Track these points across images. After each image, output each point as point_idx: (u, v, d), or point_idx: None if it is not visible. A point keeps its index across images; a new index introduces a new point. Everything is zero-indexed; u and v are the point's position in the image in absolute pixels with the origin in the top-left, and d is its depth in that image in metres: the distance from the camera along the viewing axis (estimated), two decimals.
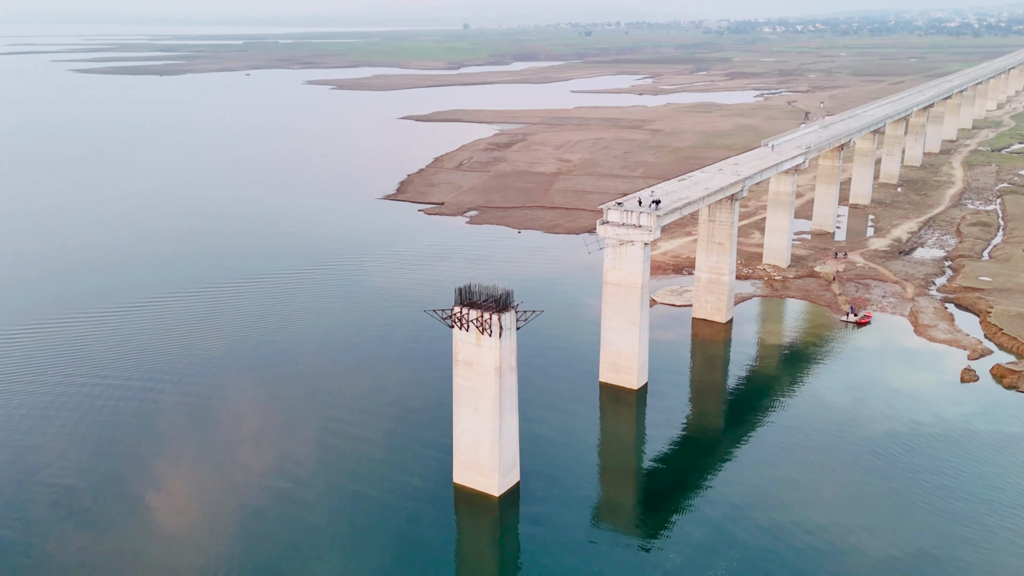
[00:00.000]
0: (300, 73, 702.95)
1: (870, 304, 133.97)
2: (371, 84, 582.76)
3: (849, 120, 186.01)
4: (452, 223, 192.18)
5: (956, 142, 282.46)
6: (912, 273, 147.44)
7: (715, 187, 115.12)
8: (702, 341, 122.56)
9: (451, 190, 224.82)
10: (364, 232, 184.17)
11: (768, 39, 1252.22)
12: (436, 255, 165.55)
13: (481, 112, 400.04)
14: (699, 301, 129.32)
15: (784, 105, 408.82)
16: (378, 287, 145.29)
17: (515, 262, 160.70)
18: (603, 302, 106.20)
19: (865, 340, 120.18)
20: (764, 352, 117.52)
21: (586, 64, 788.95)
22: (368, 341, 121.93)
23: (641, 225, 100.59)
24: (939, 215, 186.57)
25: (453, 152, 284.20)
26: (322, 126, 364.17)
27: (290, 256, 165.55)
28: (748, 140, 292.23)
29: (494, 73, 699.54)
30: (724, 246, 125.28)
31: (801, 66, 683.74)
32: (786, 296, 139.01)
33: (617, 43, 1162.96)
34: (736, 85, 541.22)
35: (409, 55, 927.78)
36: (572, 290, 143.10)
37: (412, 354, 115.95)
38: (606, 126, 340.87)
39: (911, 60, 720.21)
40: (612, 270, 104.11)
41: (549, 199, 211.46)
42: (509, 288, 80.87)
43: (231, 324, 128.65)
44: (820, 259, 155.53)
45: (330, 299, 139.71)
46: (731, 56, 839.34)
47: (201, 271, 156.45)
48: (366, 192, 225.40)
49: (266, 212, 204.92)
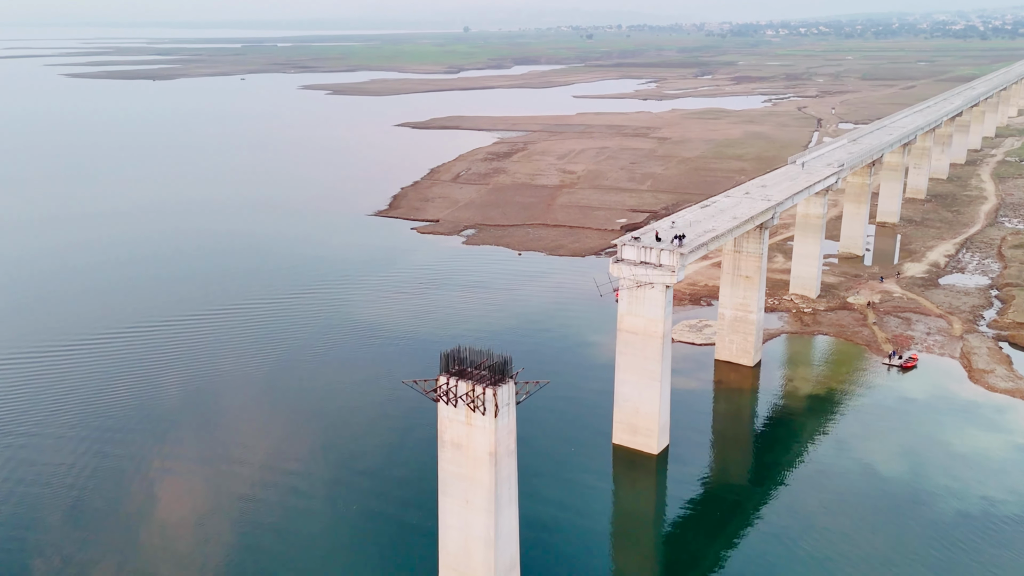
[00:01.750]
0: (296, 77, 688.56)
1: (914, 343, 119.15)
2: (368, 89, 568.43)
3: (879, 132, 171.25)
4: (447, 243, 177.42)
5: (981, 152, 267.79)
6: (956, 305, 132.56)
7: (744, 216, 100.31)
8: (728, 390, 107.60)
9: (447, 205, 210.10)
10: (351, 254, 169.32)
11: (771, 42, 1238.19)
12: (429, 281, 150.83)
13: (480, 119, 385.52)
14: (723, 341, 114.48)
15: (795, 111, 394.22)
16: (361, 321, 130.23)
17: (514, 290, 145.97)
18: (617, 352, 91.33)
19: (913, 388, 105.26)
20: (799, 405, 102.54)
21: (588, 68, 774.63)
22: (344, 393, 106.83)
23: (662, 264, 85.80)
24: (976, 235, 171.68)
25: (450, 163, 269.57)
26: (313, 135, 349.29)
27: (266, 282, 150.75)
28: (760, 149, 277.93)
29: (494, 77, 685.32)
30: (752, 280, 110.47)
31: (808, 70, 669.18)
32: (818, 332, 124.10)
33: (619, 46, 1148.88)
34: (743, 90, 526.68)
35: (408, 59, 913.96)
36: (578, 325, 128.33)
37: (396, 409, 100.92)
38: (610, 134, 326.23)
39: (920, 64, 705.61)
40: (628, 316, 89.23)
41: (552, 216, 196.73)
42: (508, 354, 65.56)
43: (178, 371, 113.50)
44: (853, 288, 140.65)
45: (304, 337, 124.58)
46: (735, 60, 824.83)
47: (160, 301, 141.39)
48: (356, 208, 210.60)
49: (245, 232, 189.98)
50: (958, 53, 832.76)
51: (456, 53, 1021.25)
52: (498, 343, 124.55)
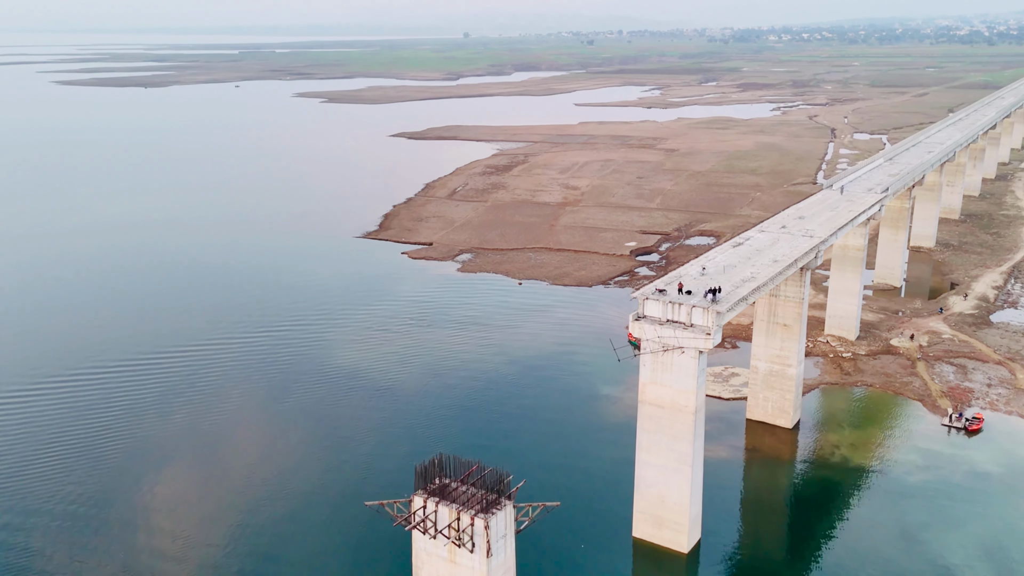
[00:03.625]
0: (291, 85, 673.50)
1: (974, 397, 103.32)
2: (364, 97, 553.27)
3: (916, 150, 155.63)
4: (440, 271, 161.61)
5: (1010, 165, 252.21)
6: (1016, 348, 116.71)
7: (787, 259, 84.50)
8: (765, 461, 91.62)
9: (441, 226, 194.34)
10: (333, 284, 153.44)
11: (775, 48, 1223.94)
12: (418, 316, 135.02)
13: (479, 129, 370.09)
14: (756, 398, 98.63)
15: (806, 120, 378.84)
16: (338, 369, 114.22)
17: (514, 328, 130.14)
18: (639, 428, 75.44)
19: (984, 460, 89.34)
20: (851, 482, 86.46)
21: (589, 75, 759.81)
22: (291, 496, 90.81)
23: (694, 324, 70.02)
24: (1023, 262, 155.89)
25: (446, 177, 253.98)
26: (302, 146, 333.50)
27: (233, 319, 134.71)
28: (775, 162, 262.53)
29: (494, 84, 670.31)
30: (791, 329, 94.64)
31: (815, 76, 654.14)
32: (861, 383, 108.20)
33: (620, 52, 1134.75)
34: (749, 97, 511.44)
35: (407, 65, 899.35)
36: (587, 372, 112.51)
37: (362, 524, 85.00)
38: (615, 145, 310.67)
39: (929, 70, 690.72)
40: (652, 385, 73.37)
41: (555, 238, 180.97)
42: (505, 471, 49.72)
43: (86, 452, 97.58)
44: (896, 327, 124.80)
45: (263, 391, 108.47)
46: (740, 66, 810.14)
47: (113, 339, 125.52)
48: (343, 228, 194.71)
49: (216, 257, 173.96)
50: (966, 59, 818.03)
51: (455, 59, 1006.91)
52: (494, 397, 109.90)
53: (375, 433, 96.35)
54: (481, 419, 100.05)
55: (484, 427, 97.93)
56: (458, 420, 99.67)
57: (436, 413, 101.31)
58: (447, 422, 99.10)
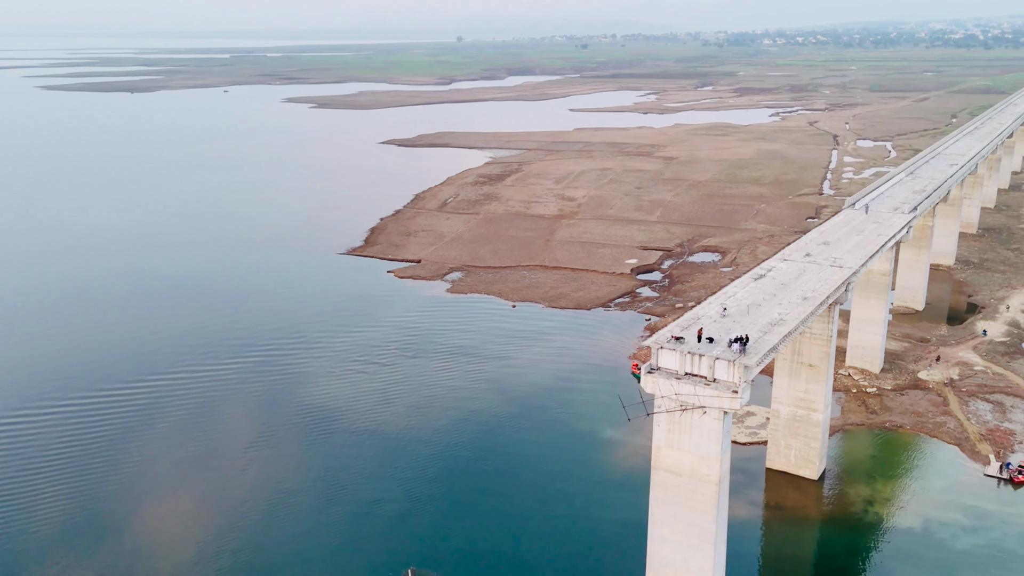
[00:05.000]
0: (281, 89, 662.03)
1: (1016, 440, 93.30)
2: (355, 102, 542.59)
3: (935, 162, 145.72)
4: (429, 291, 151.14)
5: (1021, 175, 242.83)
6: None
7: (818, 296, 74.28)
8: (789, 520, 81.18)
9: (431, 241, 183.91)
10: (313, 307, 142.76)
11: (769, 51, 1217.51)
12: (403, 345, 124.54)
13: (471, 135, 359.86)
14: (777, 445, 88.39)
15: (806, 126, 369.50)
16: (311, 409, 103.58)
17: (507, 357, 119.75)
18: (652, 498, 65.09)
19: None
20: (889, 546, 76.17)
21: (584, 79, 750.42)
22: (266, 554, 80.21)
23: (717, 380, 59.74)
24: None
25: (437, 187, 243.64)
26: (288, 155, 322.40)
27: (202, 347, 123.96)
28: (778, 171, 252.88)
29: (487, 89, 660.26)
30: (817, 369, 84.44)
31: (812, 81, 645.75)
32: (890, 424, 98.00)
33: (615, 56, 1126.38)
34: (747, 102, 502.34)
35: (400, 69, 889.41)
36: (588, 412, 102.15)
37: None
38: (612, 153, 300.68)
39: (927, 74, 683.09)
40: (668, 449, 63.04)
41: (550, 254, 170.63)
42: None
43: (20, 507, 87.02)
44: (923, 358, 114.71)
45: (222, 438, 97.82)
46: (736, 70, 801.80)
47: (70, 370, 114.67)
48: (327, 244, 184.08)
49: (189, 277, 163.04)
50: (964, 63, 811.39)
51: (448, 63, 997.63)
52: (487, 444, 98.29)
53: (350, 491, 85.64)
54: (472, 471, 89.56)
55: (475, 481, 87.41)
56: (447, 473, 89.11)
57: (422, 464, 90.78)
58: (434, 476, 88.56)
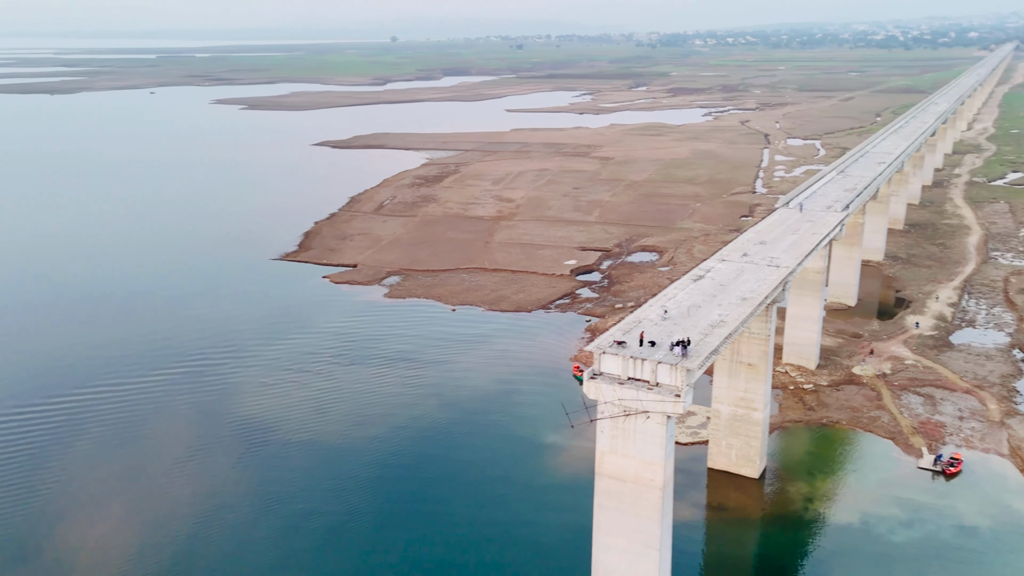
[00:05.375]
0: (210, 91, 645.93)
1: (947, 433, 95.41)
2: (287, 103, 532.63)
3: (865, 160, 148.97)
4: (366, 296, 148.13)
5: (943, 171, 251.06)
6: (982, 374, 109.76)
7: (756, 296, 74.46)
8: (731, 521, 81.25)
9: (367, 244, 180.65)
10: (245, 315, 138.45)
11: (701, 52, 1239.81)
12: (339, 353, 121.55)
13: (408, 136, 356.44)
14: (718, 444, 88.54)
15: (738, 126, 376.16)
16: (240, 423, 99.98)
17: (448, 362, 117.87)
18: (596, 505, 64.10)
19: (970, 510, 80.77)
20: (829, 542, 76.71)
21: (520, 79, 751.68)
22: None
23: (660, 384, 59.03)
24: (974, 276, 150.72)
25: (373, 189, 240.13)
26: (217, 158, 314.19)
27: (126, 359, 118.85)
28: (712, 170, 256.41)
29: (423, 89, 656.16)
30: (756, 368, 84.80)
31: (743, 81, 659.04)
32: (827, 420, 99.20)
33: (550, 57, 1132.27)
34: (681, 102, 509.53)
35: (333, 70, 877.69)
36: (530, 415, 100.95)
37: None
38: (549, 153, 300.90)
39: (851, 74, 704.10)
40: (612, 456, 62.13)
41: (490, 257, 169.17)
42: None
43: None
44: (857, 353, 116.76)
45: (142, 460, 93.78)
46: (669, 70, 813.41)
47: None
48: (258, 250, 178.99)
49: (116, 286, 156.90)
50: (886, 63, 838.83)
51: (383, 64, 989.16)
52: (426, 451, 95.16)
53: (283, 504, 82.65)
54: (411, 479, 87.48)
55: (414, 490, 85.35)
56: (385, 482, 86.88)
57: (358, 474, 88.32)
58: (371, 485, 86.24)
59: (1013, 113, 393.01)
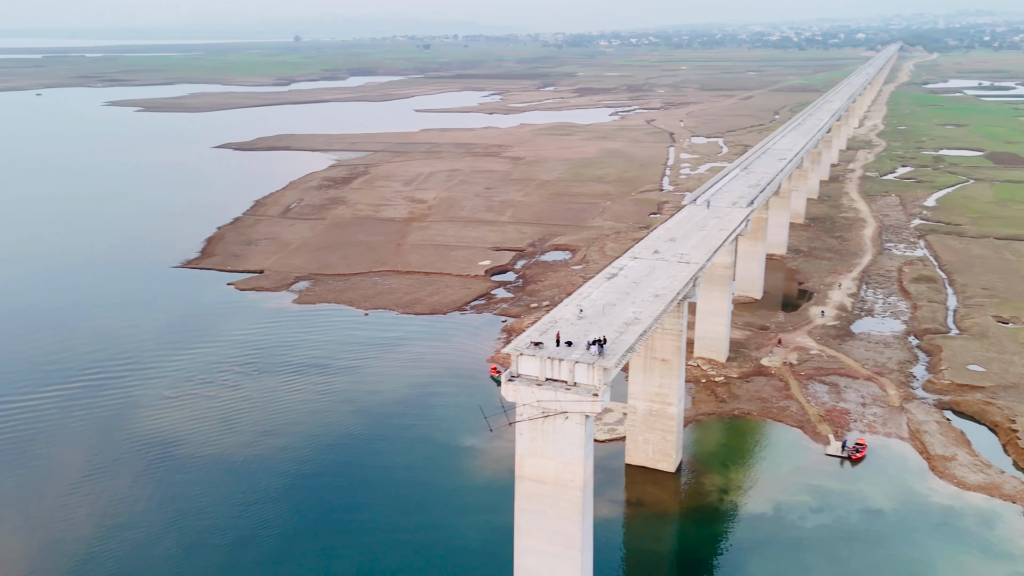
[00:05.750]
0: (103, 92, 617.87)
1: (852, 420, 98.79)
2: (186, 105, 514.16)
3: (767, 157, 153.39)
4: (274, 303, 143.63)
5: (839, 166, 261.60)
6: (881, 361, 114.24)
7: (669, 292, 75.11)
8: (650, 516, 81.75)
9: (274, 249, 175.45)
10: (144, 326, 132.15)
11: (606, 52, 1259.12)
12: (247, 362, 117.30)
13: (314, 138, 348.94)
14: (635, 440, 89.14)
15: (644, 125, 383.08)
16: (143, 439, 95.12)
17: (361, 369, 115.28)
18: (517, 508, 63.27)
19: (875, 493, 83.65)
20: (744, 532, 78.10)
21: (428, 79, 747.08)
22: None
23: (578, 384, 58.61)
24: (871, 267, 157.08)
25: (278, 192, 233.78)
26: (112, 162, 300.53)
27: (15, 374, 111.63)
28: (621, 169, 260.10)
29: (329, 90, 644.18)
30: (670, 364, 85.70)
31: (648, 81, 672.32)
32: (738, 412, 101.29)
33: (458, 57, 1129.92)
34: (588, 102, 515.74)
35: (234, 70, 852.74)
36: (447, 417, 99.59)
37: None
38: (460, 153, 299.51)
39: (750, 74, 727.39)
40: (532, 458, 61.40)
41: (403, 259, 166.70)
42: None
43: None
44: (764, 345, 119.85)
45: (41, 479, 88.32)
46: (575, 71, 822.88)
47: None
48: (158, 257, 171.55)
49: (4, 298, 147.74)
50: (782, 63, 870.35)
51: (287, 64, 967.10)
52: (339, 459, 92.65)
53: (187, 522, 78.80)
54: (322, 488, 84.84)
55: (326, 499, 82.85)
56: (294, 492, 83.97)
57: (267, 486, 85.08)
58: (282, 497, 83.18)
59: (900, 111, 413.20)
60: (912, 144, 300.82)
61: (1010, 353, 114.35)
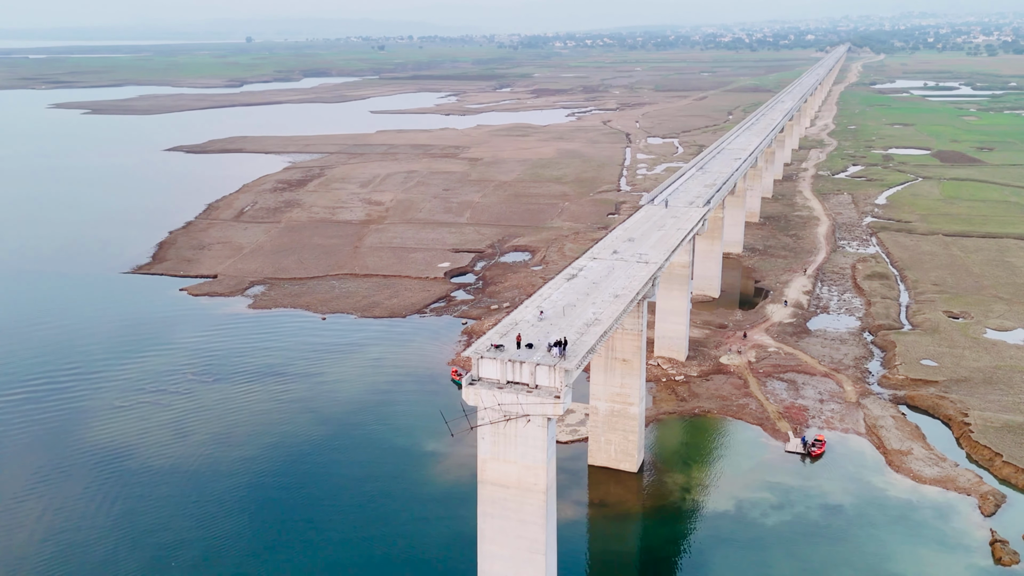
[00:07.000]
0: (47, 94, 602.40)
1: (810, 416, 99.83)
2: (135, 107, 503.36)
3: (722, 157, 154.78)
4: (228, 308, 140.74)
5: (792, 166, 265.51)
6: (838, 358, 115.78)
7: (628, 292, 74.99)
8: (613, 517, 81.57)
9: (228, 253, 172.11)
10: (93, 333, 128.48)
11: (561, 53, 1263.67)
12: (201, 370, 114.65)
13: (267, 140, 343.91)
14: (597, 441, 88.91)
15: (601, 126, 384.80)
16: (92, 450, 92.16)
17: (319, 375, 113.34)
18: (480, 513, 62.47)
19: (834, 489, 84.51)
20: (707, 531, 78.28)
21: (383, 80, 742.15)
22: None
23: (539, 386, 58.03)
24: (825, 264, 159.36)
25: (232, 195, 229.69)
26: (58, 166, 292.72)
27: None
28: (578, 169, 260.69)
29: (282, 91, 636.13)
30: (631, 364, 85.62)
31: (603, 82, 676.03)
32: (699, 410, 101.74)
33: (413, 58, 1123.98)
34: (544, 103, 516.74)
35: (184, 72, 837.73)
36: (407, 424, 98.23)
37: None
38: (417, 155, 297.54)
39: (703, 75, 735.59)
40: (494, 462, 60.63)
41: (360, 262, 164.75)
42: None
43: None
44: (723, 343, 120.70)
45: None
46: (531, 72, 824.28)
47: None
48: (107, 263, 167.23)
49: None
50: (734, 64, 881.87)
51: (238, 65, 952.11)
52: (298, 470, 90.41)
53: (141, 537, 76.47)
54: (283, 500, 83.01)
55: (287, 511, 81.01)
56: (255, 505, 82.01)
57: (224, 498, 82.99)
58: (239, 510, 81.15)
59: (850, 110, 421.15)
60: (862, 143, 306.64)
61: (961, 347, 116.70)
